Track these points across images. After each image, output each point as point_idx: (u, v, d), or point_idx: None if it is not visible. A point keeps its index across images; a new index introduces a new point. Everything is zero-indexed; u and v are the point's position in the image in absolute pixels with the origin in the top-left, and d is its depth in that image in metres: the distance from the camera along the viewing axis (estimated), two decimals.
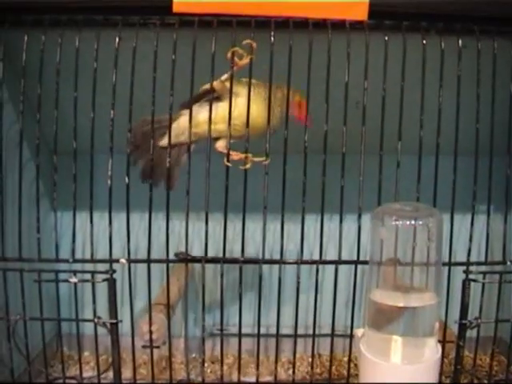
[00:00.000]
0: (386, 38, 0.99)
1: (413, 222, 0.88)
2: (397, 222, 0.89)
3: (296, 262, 1.04)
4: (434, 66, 1.00)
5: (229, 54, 0.97)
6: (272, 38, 0.98)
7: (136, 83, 0.99)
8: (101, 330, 1.06)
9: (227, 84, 1.00)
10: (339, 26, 0.99)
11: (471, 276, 1.05)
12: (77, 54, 0.99)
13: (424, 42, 1.00)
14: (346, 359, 1.10)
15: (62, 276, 1.04)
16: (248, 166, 0.99)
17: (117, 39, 0.99)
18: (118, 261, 1.03)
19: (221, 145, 1.04)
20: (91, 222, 1.02)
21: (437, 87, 1.00)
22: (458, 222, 1.16)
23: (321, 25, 0.99)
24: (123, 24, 0.99)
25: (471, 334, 1.09)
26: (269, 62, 0.97)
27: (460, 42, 1.00)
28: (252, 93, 0.99)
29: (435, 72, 1.00)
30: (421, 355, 0.88)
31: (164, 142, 1.04)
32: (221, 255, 1.04)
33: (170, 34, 0.98)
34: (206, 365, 1.32)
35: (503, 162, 1.05)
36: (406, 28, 1.00)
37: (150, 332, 1.02)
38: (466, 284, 1.04)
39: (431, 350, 0.88)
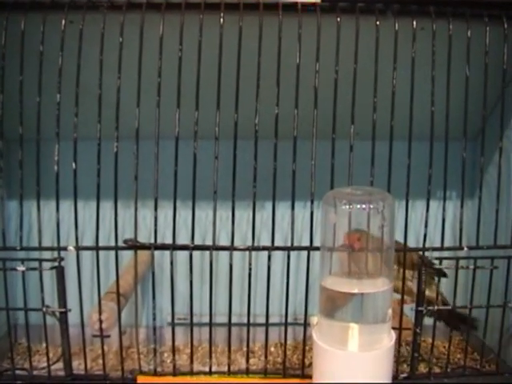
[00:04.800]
0: (339, 20, 0.97)
1: (364, 206, 0.86)
2: (348, 206, 0.87)
3: (248, 249, 1.02)
4: (389, 48, 0.98)
5: None
6: (221, 20, 0.96)
7: (83, 66, 0.97)
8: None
9: None
10: (291, 7, 0.98)
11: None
12: (22, 37, 0.97)
13: (378, 23, 0.98)
14: (307, 348, 1.08)
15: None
16: None
17: (64, 22, 0.96)
18: (66, 248, 1.01)
19: None
20: (38, 209, 1.00)
21: (391, 70, 0.99)
22: (421, 206, 1.16)
23: (272, 6, 0.97)
24: (70, 7, 0.97)
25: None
26: (218, 44, 0.96)
27: (415, 23, 0.99)
28: None
29: (390, 54, 0.99)
30: (376, 342, 0.86)
31: None
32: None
33: (118, 17, 0.96)
34: (166, 355, 1.30)
35: (461, 146, 1.03)
36: (360, 10, 0.99)
37: (100, 321, 1.00)
38: (421, 270, 1.03)
39: (386, 336, 0.87)
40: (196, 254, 1.04)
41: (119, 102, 0.97)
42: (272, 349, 1.32)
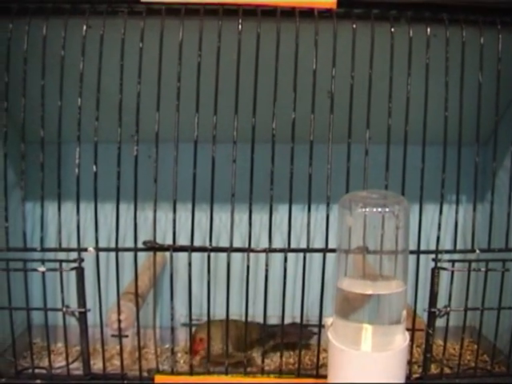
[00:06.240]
0: (354, 26, 0.99)
1: (380, 210, 0.88)
2: (364, 210, 0.88)
3: (264, 251, 1.03)
4: (403, 54, 1.00)
5: None
6: (240, 26, 0.98)
7: (104, 71, 0.99)
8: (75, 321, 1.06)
9: None
10: (308, 14, 0.99)
11: (441, 264, 1.05)
12: (44, 42, 0.98)
13: (392, 30, 1.00)
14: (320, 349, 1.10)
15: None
16: None
17: (84, 27, 0.98)
18: (86, 249, 1.02)
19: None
20: (59, 210, 1.02)
21: (406, 76, 1.00)
22: (432, 210, 1.17)
23: (289, 13, 0.99)
24: (91, 12, 0.99)
25: (445, 323, 1.10)
26: (236, 50, 0.97)
27: (429, 30, 1.00)
28: None
29: (404, 61, 1.00)
30: (389, 343, 0.87)
31: None
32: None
33: (138, 23, 0.98)
34: (179, 355, 1.32)
35: (474, 151, 1.05)
36: (375, 16, 1.01)
37: (119, 321, 1.01)
38: (434, 272, 1.04)
39: (400, 337, 0.88)
40: (201, 254, 1.07)
41: (139, 106, 0.98)
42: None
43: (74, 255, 1.04)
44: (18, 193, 1.10)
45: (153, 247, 1.03)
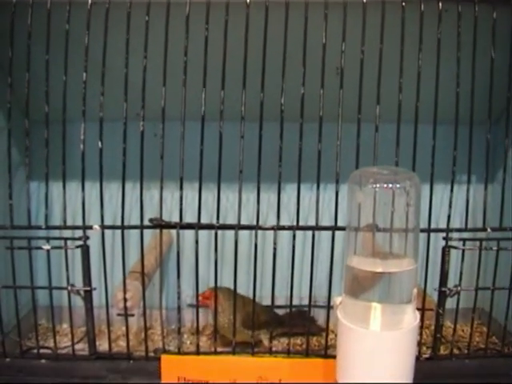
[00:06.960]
0: (365, 1, 0.97)
1: (390, 185, 0.86)
2: (374, 185, 0.87)
3: (273, 228, 1.02)
4: (414, 29, 0.98)
5: None
6: (248, 0, 0.96)
7: (109, 46, 0.97)
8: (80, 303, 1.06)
9: None
10: None
11: (451, 243, 1.04)
12: (48, 16, 0.97)
13: (403, 4, 0.98)
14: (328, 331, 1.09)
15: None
16: None
17: (90, 1, 0.97)
18: (91, 227, 1.01)
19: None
20: (64, 188, 1.01)
21: (416, 51, 0.99)
22: (441, 189, 1.16)
23: None
24: None
25: (454, 304, 1.09)
26: (244, 24, 0.96)
27: (440, 5, 0.99)
28: None
29: (415, 36, 0.99)
30: (399, 322, 0.86)
31: None
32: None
33: None
34: (185, 336, 1.31)
35: (484, 129, 1.04)
36: None
37: (125, 299, 1.00)
38: (445, 251, 1.03)
39: (409, 316, 0.87)
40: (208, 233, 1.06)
41: (145, 81, 0.97)
42: None
43: (79, 233, 1.03)
44: (23, 170, 1.09)
45: (159, 224, 1.02)
